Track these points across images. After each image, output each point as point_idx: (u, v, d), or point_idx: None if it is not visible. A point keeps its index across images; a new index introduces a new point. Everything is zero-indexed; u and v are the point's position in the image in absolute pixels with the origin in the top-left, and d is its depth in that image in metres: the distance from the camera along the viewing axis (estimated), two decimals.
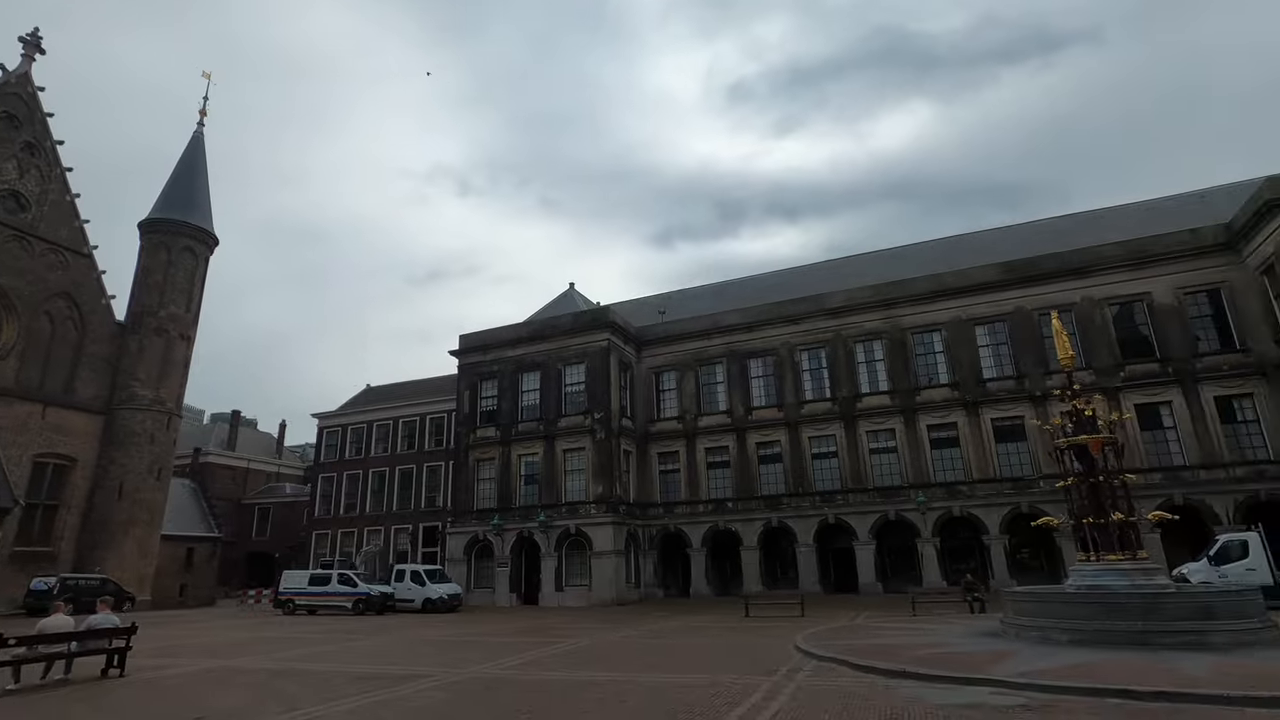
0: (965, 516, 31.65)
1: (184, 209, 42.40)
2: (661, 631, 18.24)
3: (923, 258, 39.37)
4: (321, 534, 47.17)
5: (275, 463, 67.38)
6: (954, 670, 9.45)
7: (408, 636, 18.84)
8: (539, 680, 10.57)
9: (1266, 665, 9.11)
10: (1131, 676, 8.54)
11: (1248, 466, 28.14)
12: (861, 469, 34.13)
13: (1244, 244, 29.37)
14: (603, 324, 37.61)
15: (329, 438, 49.71)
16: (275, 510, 58.84)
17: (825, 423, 35.47)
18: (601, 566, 33.69)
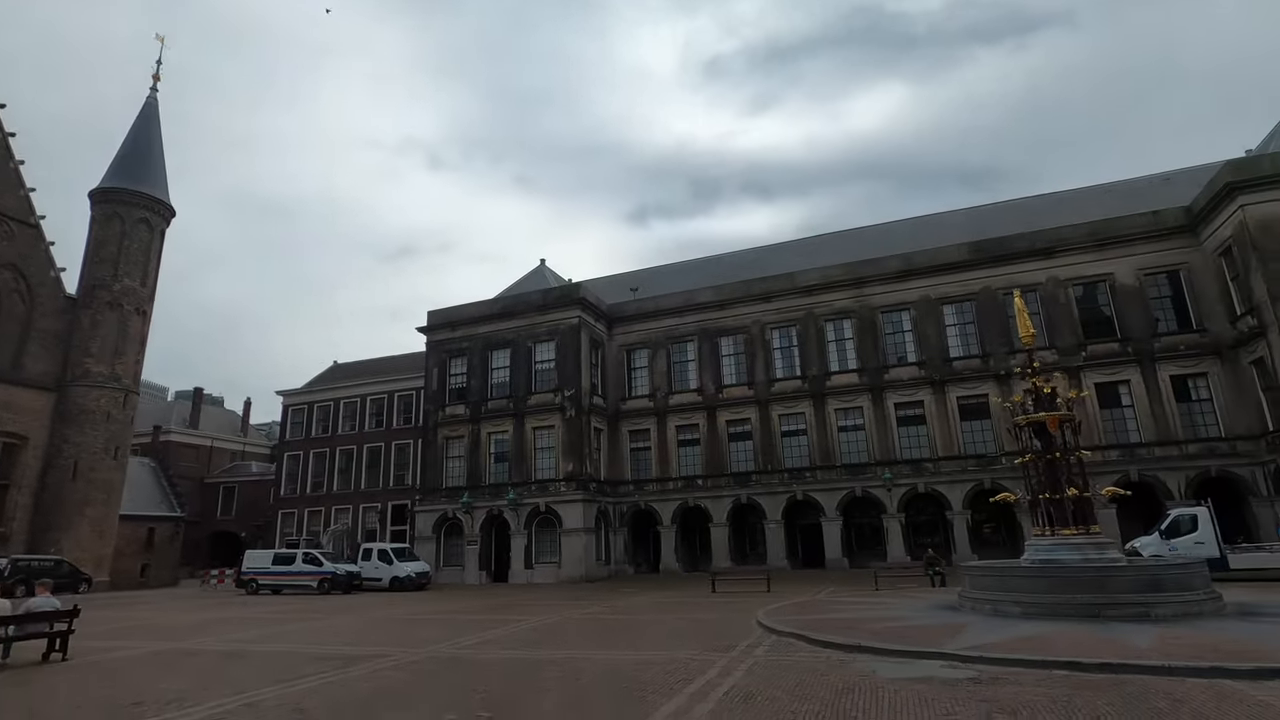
0: (930, 493, 32.22)
1: (137, 178, 40.77)
2: (628, 608, 18.27)
3: (894, 237, 39.54)
4: (288, 513, 46.49)
5: (240, 441, 66.09)
6: (909, 644, 9.54)
7: (371, 615, 18.62)
8: (497, 659, 10.46)
9: (1208, 635, 9.35)
10: (1079, 649, 8.69)
11: (1200, 444, 29.00)
12: (830, 446, 34.49)
13: (1203, 227, 29.94)
14: (573, 301, 37.22)
15: (294, 416, 48.80)
16: (241, 489, 57.78)
17: (795, 401, 35.70)
18: (571, 544, 33.72)
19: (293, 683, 8.97)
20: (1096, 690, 7.02)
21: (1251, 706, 6.23)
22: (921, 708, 6.56)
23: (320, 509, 45.42)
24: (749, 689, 7.61)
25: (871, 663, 8.89)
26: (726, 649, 10.50)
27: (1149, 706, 6.34)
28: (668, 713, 6.76)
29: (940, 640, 9.80)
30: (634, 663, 9.62)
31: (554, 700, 7.45)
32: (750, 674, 8.46)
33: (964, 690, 7.20)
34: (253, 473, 58.82)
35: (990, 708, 6.45)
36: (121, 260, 39.00)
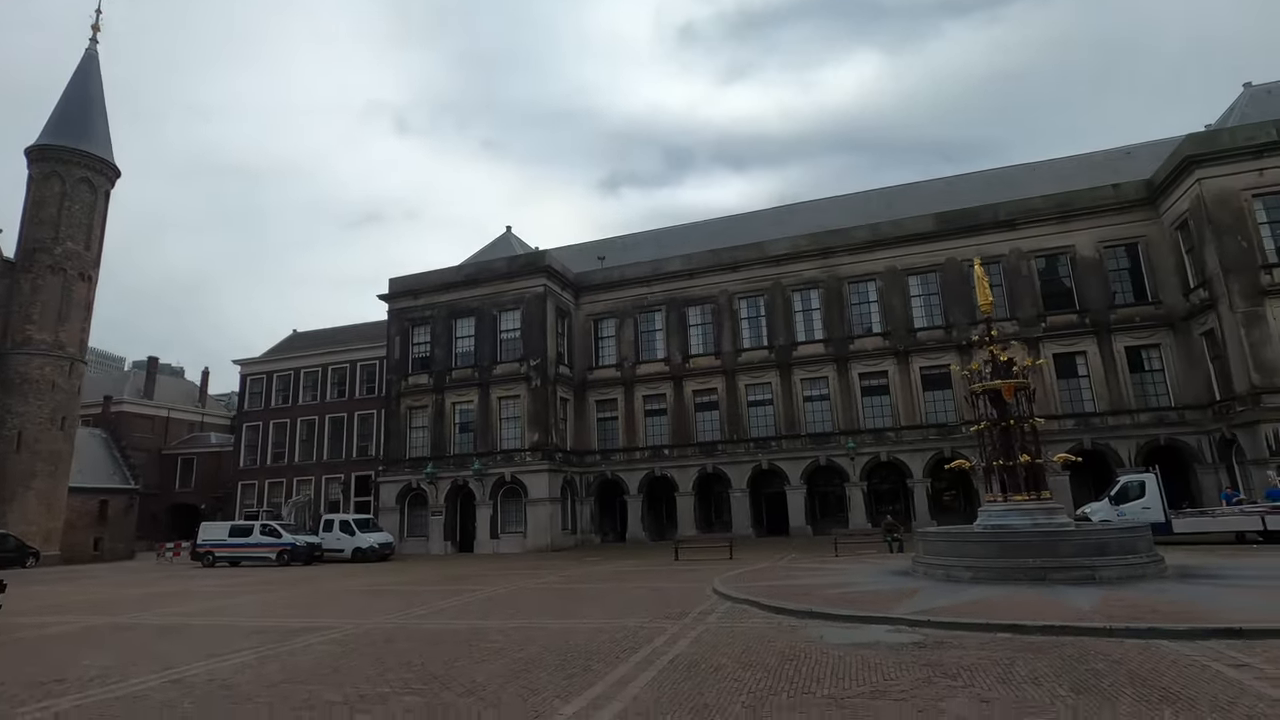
0: (891, 461, 32.70)
1: (78, 135, 38.66)
2: (588, 576, 18.21)
3: (862, 207, 39.47)
4: (248, 484, 45.53)
5: (199, 411, 64.36)
6: (859, 610, 9.55)
7: (326, 587, 18.28)
8: (444, 629, 10.24)
9: (1148, 597, 9.52)
10: (1023, 611, 8.76)
11: (1151, 413, 29.79)
12: (795, 416, 34.71)
13: (1163, 200, 30.35)
14: (539, 269, 36.56)
15: (253, 385, 47.52)
16: (200, 461, 56.40)
17: (761, 371, 35.77)
18: (537, 513, 33.61)
19: (226, 657, 8.64)
20: (1038, 652, 7.04)
21: (1185, 667, 6.28)
22: (865, 672, 6.50)
23: (281, 480, 44.56)
24: (695, 657, 7.50)
25: (821, 628, 8.87)
26: (679, 616, 10.42)
27: (1087, 668, 6.35)
28: (611, 681, 6.60)
29: (890, 605, 9.83)
30: (585, 631, 9.48)
31: (493, 670, 7.25)
32: (698, 642, 8.37)
33: (908, 654, 7.17)
34: (212, 444, 57.42)
35: (932, 671, 6.41)
36: (63, 222, 37.14)
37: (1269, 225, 26.59)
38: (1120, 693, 5.53)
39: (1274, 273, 25.88)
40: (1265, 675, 5.90)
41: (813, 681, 6.25)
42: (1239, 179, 26.82)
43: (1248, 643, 7.08)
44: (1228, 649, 6.87)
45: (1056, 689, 5.68)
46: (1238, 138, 27.17)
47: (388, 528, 35.55)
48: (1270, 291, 25.65)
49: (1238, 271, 26.07)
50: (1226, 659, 6.50)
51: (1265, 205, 26.73)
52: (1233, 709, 5.05)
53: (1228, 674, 5.98)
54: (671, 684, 6.40)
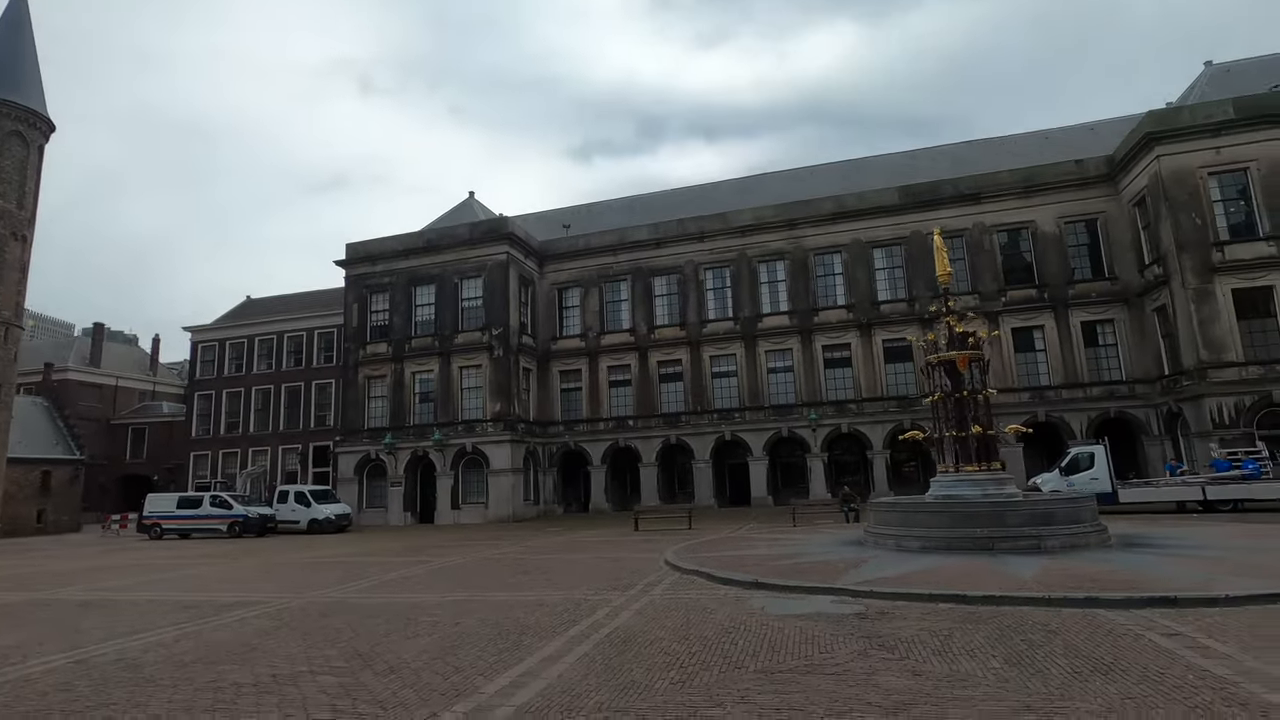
0: (852, 433, 33.02)
1: (6, 86, 36.21)
2: (543, 548, 17.99)
3: (827, 178, 39.25)
4: (200, 455, 44.27)
5: (150, 380, 62.21)
6: (806, 580, 9.45)
7: (273, 559, 17.76)
8: (382, 603, 9.90)
9: (1089, 566, 9.60)
10: (967, 581, 8.74)
11: (1103, 386, 30.47)
12: (759, 387, 34.75)
13: (1122, 176, 30.65)
14: (501, 236, 35.68)
15: (205, 353, 45.96)
16: (151, 431, 54.62)
17: (726, 342, 35.65)
18: (499, 484, 33.29)
19: (143, 635, 8.19)
20: (977, 623, 6.98)
21: (1119, 636, 6.25)
22: (802, 645, 6.35)
23: (236, 451, 43.40)
24: (632, 630, 7.29)
25: (765, 599, 8.74)
26: (626, 588, 10.24)
27: (1024, 639, 6.29)
28: (541, 657, 6.35)
29: (837, 576, 9.77)
30: (527, 604, 9.22)
31: (422, 646, 6.95)
32: (640, 614, 8.17)
33: (848, 626, 7.05)
34: (164, 414, 55.59)
35: (869, 643, 6.28)
36: None
37: (1222, 203, 27.06)
38: (1052, 664, 5.45)
39: (1225, 250, 26.40)
40: (1196, 644, 5.88)
41: (747, 655, 6.07)
42: (1196, 156, 27.15)
43: (1181, 611, 7.11)
44: (1162, 618, 6.88)
45: (990, 661, 5.58)
46: (1196, 115, 27.45)
47: (346, 499, 34.90)
48: (1221, 269, 26.18)
49: (1191, 248, 26.53)
50: (1160, 628, 6.49)
51: (1220, 183, 27.15)
52: (1162, 679, 4.99)
53: (1160, 643, 5.96)
54: (603, 659, 6.17)
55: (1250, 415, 25.11)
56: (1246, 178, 26.73)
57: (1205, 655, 5.55)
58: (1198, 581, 8.19)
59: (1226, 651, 5.63)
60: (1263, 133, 26.52)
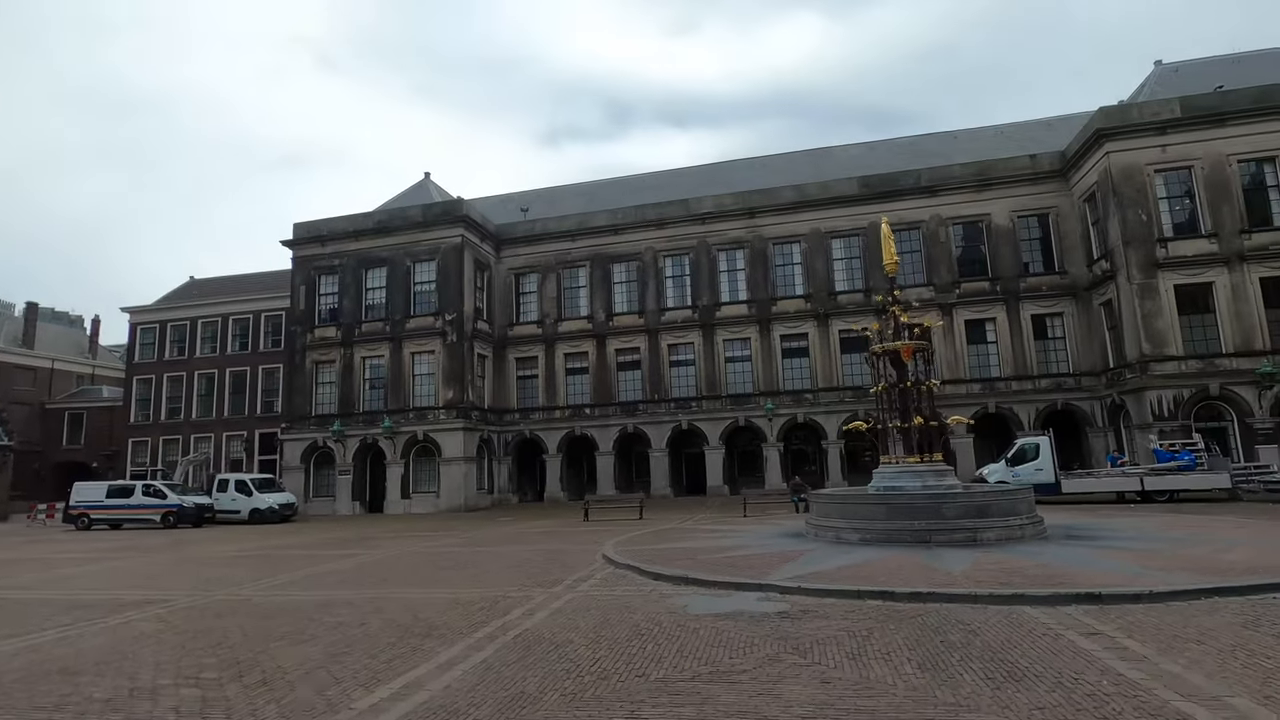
0: (808, 423, 33.10)
1: None
2: (485, 539, 17.48)
3: (791, 168, 39.11)
4: (140, 441, 42.45)
5: (89, 363, 59.46)
6: (736, 576, 9.16)
7: (197, 553, 16.90)
8: (292, 601, 9.31)
9: (1021, 560, 9.50)
10: (897, 577, 8.54)
11: (1051, 378, 31.02)
12: (717, 377, 34.58)
13: (1074, 172, 31.09)
14: (456, 218, 34.70)
15: (145, 335, 43.96)
16: (90, 416, 52.23)
17: (685, 330, 35.36)
18: (450, 473, 32.56)
19: (20, 638, 7.51)
20: (900, 621, 6.74)
21: (1039, 637, 6.05)
22: (713, 649, 6.02)
23: (178, 438, 41.72)
24: (543, 632, 6.87)
25: (691, 596, 8.42)
26: (554, 584, 9.83)
27: (943, 640, 6.05)
28: (437, 664, 5.90)
29: (770, 570, 9.50)
30: (443, 603, 8.74)
31: (309, 652, 6.43)
32: (557, 614, 7.76)
33: (768, 626, 6.74)
34: (103, 398, 53.20)
35: (783, 647, 5.98)
36: None
37: (1167, 200, 27.60)
38: (967, 669, 5.20)
39: (1168, 246, 26.95)
40: (1114, 645, 5.70)
41: (654, 661, 5.71)
42: (1144, 154, 27.62)
43: (1104, 608, 6.98)
44: (1085, 615, 6.73)
45: (904, 667, 5.30)
46: (1145, 114, 27.89)
47: (292, 488, 33.86)
48: (1164, 264, 26.73)
49: (1136, 244, 27.02)
50: (1081, 626, 6.32)
51: (1165, 180, 27.68)
52: (1075, 686, 4.76)
53: (1080, 644, 5.77)
54: (500, 666, 5.74)
55: (1188, 408, 25.78)
56: (1191, 176, 27.29)
57: (1122, 657, 5.36)
58: (1126, 576, 8.11)
59: (1144, 653, 5.45)
60: (1207, 132, 27.09)
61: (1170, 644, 5.68)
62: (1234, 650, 5.45)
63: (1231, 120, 26.98)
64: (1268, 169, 27.05)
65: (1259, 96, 27.04)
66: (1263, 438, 24.89)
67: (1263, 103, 26.89)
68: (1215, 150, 27.00)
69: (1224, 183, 26.78)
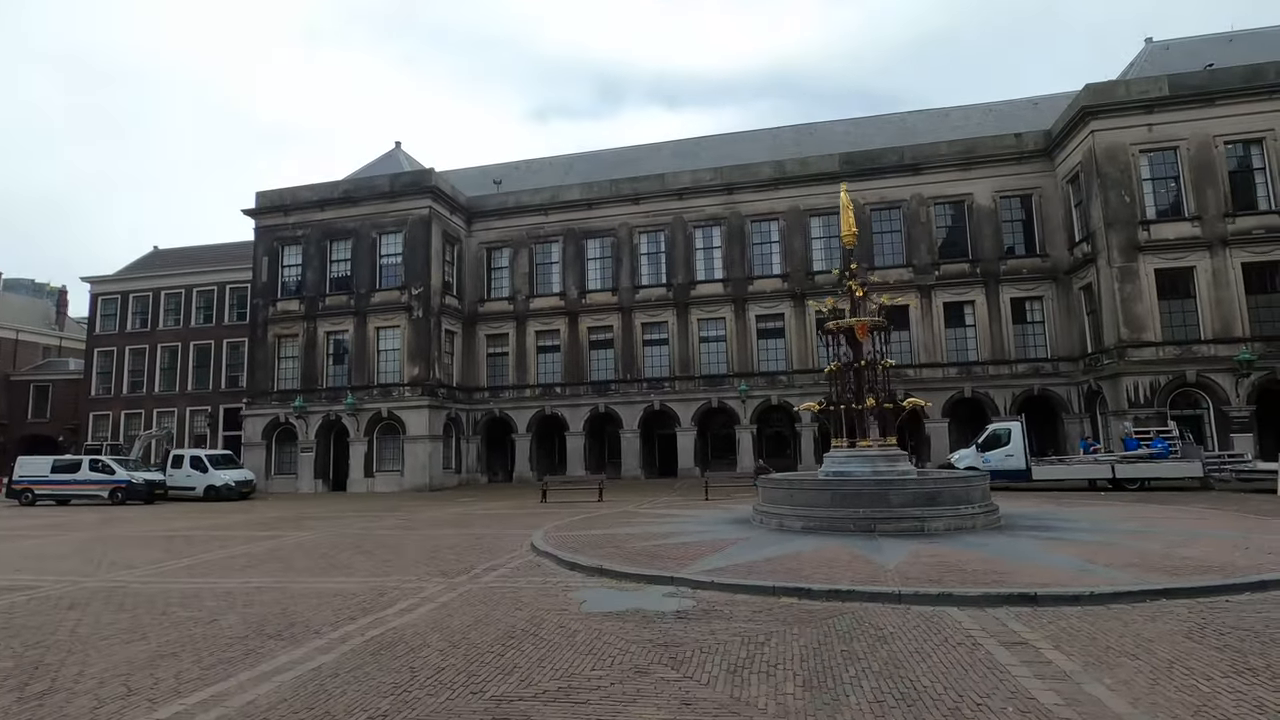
0: (782, 405, 32.40)
1: None
2: (424, 522, 16.68)
3: (770, 144, 38.07)
4: (101, 415, 41.37)
5: (56, 334, 57.99)
6: (651, 567, 8.40)
7: (120, 532, 16.03)
8: (164, 590, 8.49)
9: (963, 552, 8.78)
10: (823, 571, 7.81)
11: (1028, 363, 30.39)
12: (690, 357, 33.77)
13: (1058, 152, 30.22)
14: (424, 189, 33.49)
15: (106, 306, 42.67)
16: (56, 389, 50.92)
17: (659, 309, 34.46)
18: (415, 452, 31.72)
19: None
20: (807, 624, 6.00)
21: (955, 646, 5.31)
22: (582, 657, 5.25)
23: (140, 412, 40.64)
24: (405, 632, 6.09)
25: (596, 590, 7.66)
26: (461, 573, 9.05)
27: (845, 648, 5.31)
28: (266, 670, 5.12)
29: (692, 561, 8.75)
30: (327, 594, 7.95)
31: (129, 655, 5.62)
32: (440, 609, 6.98)
33: (656, 629, 5.98)
34: (69, 370, 51.89)
35: (662, 655, 5.22)
36: None
37: (1151, 182, 26.80)
38: (858, 687, 4.45)
39: (1151, 229, 26.21)
40: (1037, 659, 4.97)
41: (504, 672, 4.93)
42: (1129, 133, 26.76)
43: (1038, 610, 6.26)
44: (1015, 619, 6.01)
45: (787, 684, 4.54)
46: (1131, 91, 26.99)
47: (253, 464, 32.96)
48: (1146, 248, 26.00)
49: (1118, 226, 26.27)
50: (1007, 634, 5.59)
51: (1150, 161, 26.86)
52: (976, 714, 4.01)
53: (998, 657, 5.03)
54: (331, 676, 4.95)
55: (1164, 395, 25.22)
56: (1176, 157, 26.49)
57: (1042, 675, 4.63)
58: (1070, 574, 7.40)
59: (1068, 669, 4.72)
60: (1195, 111, 26.25)
61: (1101, 657, 4.95)
62: (1171, 667, 4.73)
63: (1220, 100, 26.14)
64: (1255, 151, 26.27)
65: (1249, 76, 26.18)
66: (1238, 426, 24.40)
67: (1253, 82, 26.05)
68: (1202, 131, 26.19)
69: (1209, 164, 26.00)
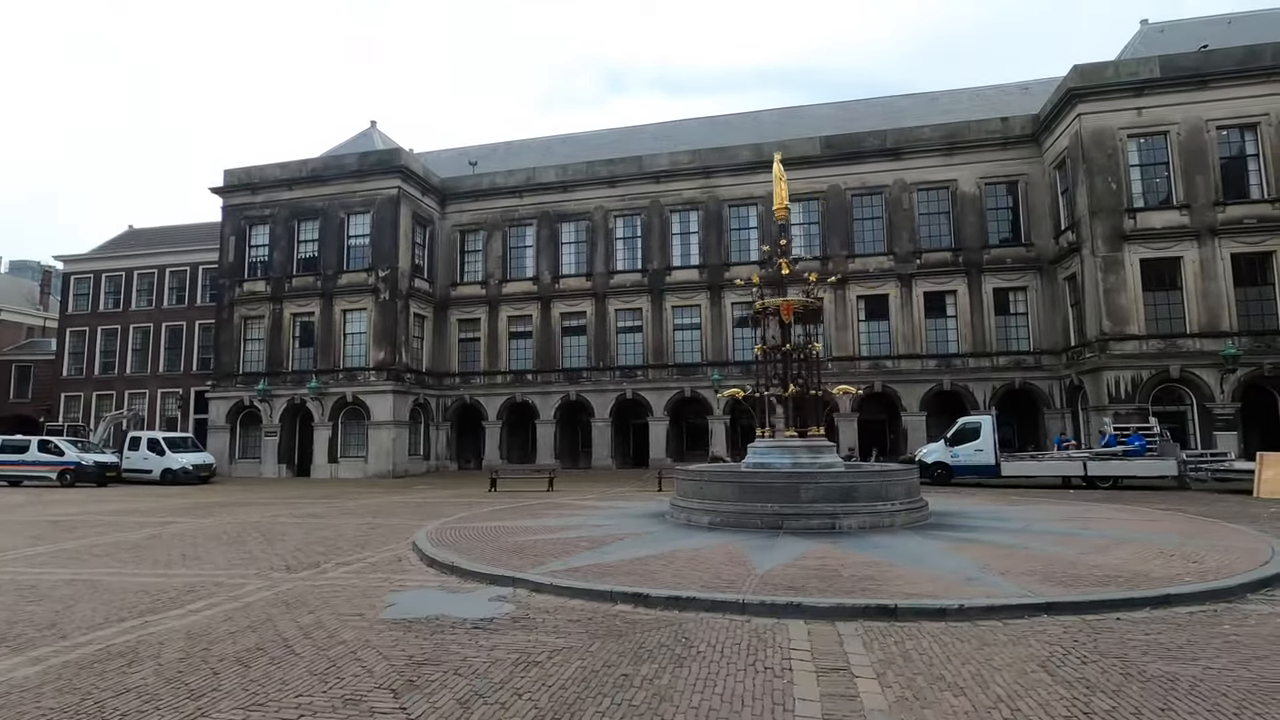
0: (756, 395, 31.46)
1: None
2: (359, 509, 15.94)
3: (752, 128, 36.95)
4: (73, 396, 40.90)
5: (39, 314, 57.63)
6: (506, 566, 7.60)
7: (29, 515, 15.37)
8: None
9: (855, 555, 7.92)
10: (686, 574, 6.98)
11: (1010, 356, 29.36)
12: (664, 345, 32.90)
13: (1045, 136, 29.07)
14: (393, 169, 32.62)
15: (79, 286, 42.11)
16: (37, 369, 50.53)
17: (633, 295, 33.56)
18: (379, 437, 31.05)
19: None
20: (615, 638, 5.18)
21: (757, 673, 4.47)
22: (311, 678, 4.44)
23: (111, 393, 40.11)
24: (153, 641, 5.31)
25: (417, 592, 6.87)
26: (307, 568, 8.29)
27: (625, 673, 4.48)
28: None
29: (555, 559, 7.94)
30: (143, 589, 7.21)
31: None
32: (231, 611, 6.19)
33: (436, 641, 5.17)
34: (49, 351, 51.50)
35: (411, 674, 4.41)
36: None
37: (1139, 168, 25.66)
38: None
39: (1137, 217, 25.11)
40: (843, 693, 4.12)
41: (194, 696, 4.12)
42: (1117, 117, 25.60)
43: (893, 625, 5.42)
44: (856, 637, 5.16)
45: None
46: (1121, 73, 25.80)
47: (217, 448, 32.41)
48: (1131, 237, 24.91)
49: (1103, 214, 25.17)
50: (832, 657, 4.75)
51: (1139, 147, 25.71)
52: None
53: (798, 689, 4.19)
54: (4, 694, 4.17)
55: (1147, 390, 24.22)
56: (1166, 142, 25.31)
57: (829, 716, 3.79)
58: (953, 583, 6.54)
59: (868, 707, 3.89)
60: (1186, 94, 25.05)
61: (923, 692, 4.11)
62: (997, 707, 3.88)
63: (1214, 83, 24.92)
64: (1249, 136, 25.08)
65: (1245, 58, 24.94)
66: (1222, 424, 23.40)
67: (1249, 64, 24.81)
68: (1194, 115, 25.00)
69: (1200, 150, 24.84)
